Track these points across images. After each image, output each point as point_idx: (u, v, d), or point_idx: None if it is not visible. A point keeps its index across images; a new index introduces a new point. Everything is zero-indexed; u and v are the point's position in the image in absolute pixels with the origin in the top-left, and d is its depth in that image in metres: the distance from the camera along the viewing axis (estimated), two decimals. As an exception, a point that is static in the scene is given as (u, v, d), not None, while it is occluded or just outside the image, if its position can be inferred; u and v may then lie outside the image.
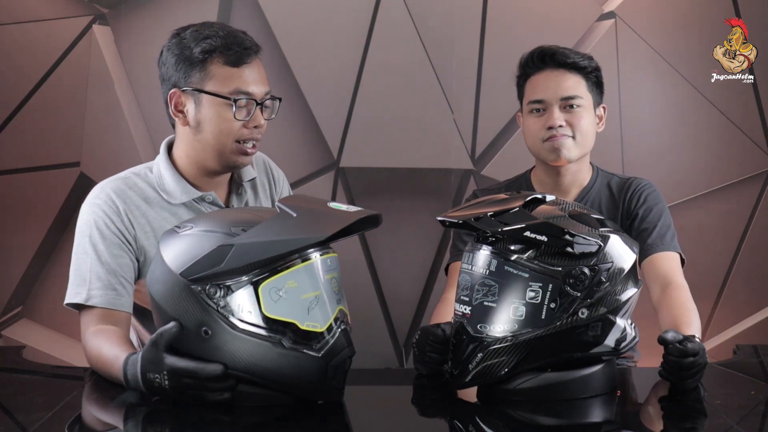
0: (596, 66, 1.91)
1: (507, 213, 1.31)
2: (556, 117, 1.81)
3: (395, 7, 2.83)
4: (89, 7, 2.80)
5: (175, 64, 1.59)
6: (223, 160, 1.62)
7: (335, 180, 2.86)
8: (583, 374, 1.32)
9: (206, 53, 1.57)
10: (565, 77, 1.84)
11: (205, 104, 1.58)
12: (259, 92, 1.60)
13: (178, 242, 1.30)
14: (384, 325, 2.88)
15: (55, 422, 1.24)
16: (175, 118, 1.63)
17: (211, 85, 1.57)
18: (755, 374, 1.60)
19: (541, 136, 1.83)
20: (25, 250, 2.80)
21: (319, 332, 1.27)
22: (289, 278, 1.25)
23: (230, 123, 1.58)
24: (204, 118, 1.59)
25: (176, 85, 1.60)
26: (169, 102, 1.62)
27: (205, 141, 1.61)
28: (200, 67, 1.57)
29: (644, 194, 1.88)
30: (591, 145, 1.89)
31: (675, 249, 1.83)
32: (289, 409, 1.30)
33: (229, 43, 1.57)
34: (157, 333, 1.29)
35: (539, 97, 1.84)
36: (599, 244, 1.29)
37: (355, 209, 1.31)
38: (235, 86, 1.57)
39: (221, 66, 1.57)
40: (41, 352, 2.75)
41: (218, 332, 1.25)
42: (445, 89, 2.84)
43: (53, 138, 2.80)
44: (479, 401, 1.36)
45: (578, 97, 1.84)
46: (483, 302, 1.29)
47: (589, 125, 1.86)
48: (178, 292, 1.27)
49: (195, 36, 1.59)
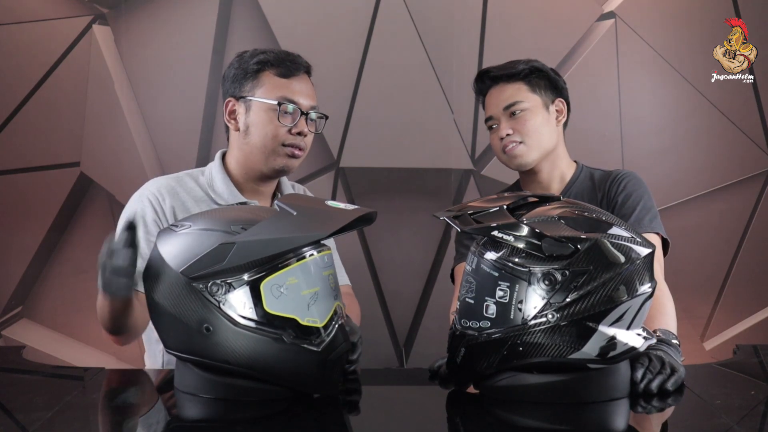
0: (537, 67, 1.94)
1: (485, 212, 1.31)
2: (502, 128, 1.92)
3: (395, 7, 2.83)
4: (89, 7, 2.80)
5: (233, 77, 1.78)
6: (269, 162, 1.76)
7: (335, 180, 2.86)
8: (564, 379, 1.29)
9: (260, 65, 1.76)
10: (504, 89, 1.93)
11: (254, 109, 1.75)
12: (306, 104, 1.76)
13: (177, 241, 1.31)
14: (384, 325, 2.88)
15: (55, 422, 1.24)
16: (228, 123, 1.80)
17: (261, 92, 1.75)
18: (755, 374, 1.60)
19: (500, 148, 1.93)
20: (25, 250, 2.80)
21: (318, 327, 1.29)
22: (290, 275, 1.27)
23: (275, 127, 1.74)
24: (252, 122, 1.75)
25: (232, 95, 1.78)
26: (225, 109, 1.79)
27: (253, 143, 1.76)
28: (253, 77, 1.76)
29: (624, 182, 1.90)
30: (550, 142, 1.92)
31: (654, 230, 1.84)
32: (287, 408, 1.31)
33: (282, 58, 1.76)
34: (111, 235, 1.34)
35: (488, 114, 1.96)
36: (573, 247, 1.26)
37: (352, 207, 1.35)
38: (282, 94, 1.74)
39: (272, 76, 1.75)
40: (41, 352, 2.75)
41: (219, 329, 1.26)
42: (445, 89, 2.85)
43: (53, 138, 2.80)
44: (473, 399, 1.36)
45: (518, 102, 1.91)
46: (465, 298, 1.32)
47: (538, 125, 1.91)
48: (178, 290, 1.28)
49: (253, 53, 1.78)
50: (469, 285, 1.32)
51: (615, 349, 1.28)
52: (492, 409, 1.33)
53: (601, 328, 1.27)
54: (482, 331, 1.29)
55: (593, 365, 1.29)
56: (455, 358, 1.34)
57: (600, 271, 1.26)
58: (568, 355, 1.27)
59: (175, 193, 1.76)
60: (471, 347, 1.31)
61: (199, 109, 2.81)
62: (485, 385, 1.34)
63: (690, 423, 1.30)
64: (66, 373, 1.82)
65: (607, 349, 1.28)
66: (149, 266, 1.34)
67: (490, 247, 1.30)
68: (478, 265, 1.31)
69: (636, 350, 1.31)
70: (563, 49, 2.84)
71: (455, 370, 1.35)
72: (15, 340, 2.78)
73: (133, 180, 2.74)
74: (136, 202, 1.76)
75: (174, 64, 2.82)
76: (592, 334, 1.26)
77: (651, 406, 1.32)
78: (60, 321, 2.79)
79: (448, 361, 1.37)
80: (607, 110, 2.88)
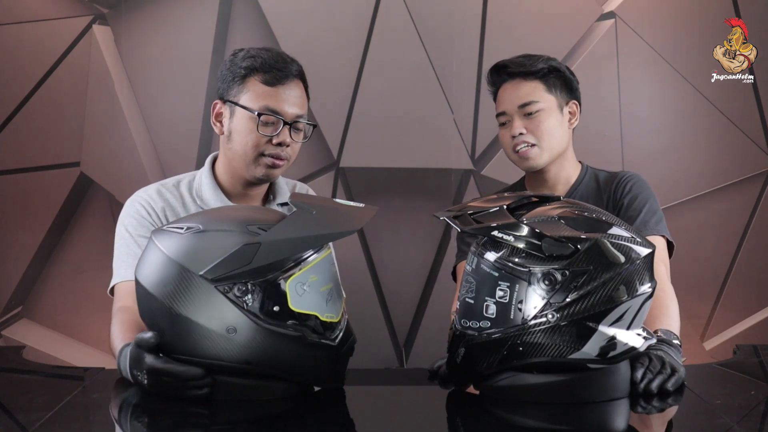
0: (555, 66, 1.92)
1: (485, 212, 1.31)
2: (516, 127, 1.88)
3: (395, 7, 2.83)
4: (89, 7, 2.80)
5: (223, 78, 1.74)
6: (250, 170, 1.72)
7: (335, 180, 2.86)
8: (563, 379, 1.29)
9: (248, 70, 1.70)
10: (521, 85, 1.89)
11: (237, 116, 1.71)
12: (290, 113, 1.70)
13: (188, 243, 1.28)
14: (384, 325, 2.88)
15: (55, 422, 1.24)
16: (213, 126, 1.77)
17: (245, 99, 1.70)
18: (755, 374, 1.60)
19: (510, 146, 1.90)
20: (25, 250, 2.80)
21: (335, 322, 1.33)
22: (311, 272, 1.29)
23: (256, 136, 1.69)
24: (234, 128, 1.72)
25: (221, 96, 1.74)
26: (212, 110, 1.76)
27: (234, 150, 1.72)
28: (240, 82, 1.71)
29: (629, 184, 1.89)
30: (561, 145, 1.91)
31: (659, 233, 1.84)
32: (287, 408, 1.31)
33: (270, 65, 1.70)
34: (138, 338, 1.31)
35: (501, 109, 1.92)
36: (573, 247, 1.25)
37: (361, 205, 1.38)
38: (265, 103, 1.68)
39: (258, 83, 1.70)
40: (41, 352, 2.75)
41: (244, 330, 1.26)
42: (445, 89, 2.85)
43: (53, 138, 2.80)
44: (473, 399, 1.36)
45: (535, 102, 1.87)
46: (465, 298, 1.32)
47: (553, 127, 1.88)
48: (199, 293, 1.26)
49: (245, 55, 1.73)
50: (469, 285, 1.32)
51: (615, 349, 1.28)
52: (492, 409, 1.33)
53: (601, 328, 1.27)
54: (482, 331, 1.29)
55: (593, 365, 1.29)
56: (455, 358, 1.34)
57: (600, 271, 1.26)
58: (568, 355, 1.27)
59: (165, 198, 1.75)
60: (471, 347, 1.31)
61: (199, 109, 2.81)
62: (485, 385, 1.34)
63: (690, 423, 1.30)
64: (66, 373, 1.81)
65: (607, 349, 1.28)
66: (153, 269, 1.30)
67: (490, 247, 1.30)
68: (478, 265, 1.31)
69: (636, 350, 1.30)
70: (563, 49, 2.83)
71: (455, 370, 1.35)
72: (15, 340, 2.78)
73: (133, 180, 2.74)
74: (126, 207, 1.76)
75: (174, 64, 2.82)
76: (592, 334, 1.26)
77: (651, 406, 1.32)
78: (60, 321, 2.79)
79: (448, 361, 1.37)
80: (607, 110, 2.88)
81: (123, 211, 1.76)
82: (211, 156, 1.84)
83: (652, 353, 1.39)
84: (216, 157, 1.83)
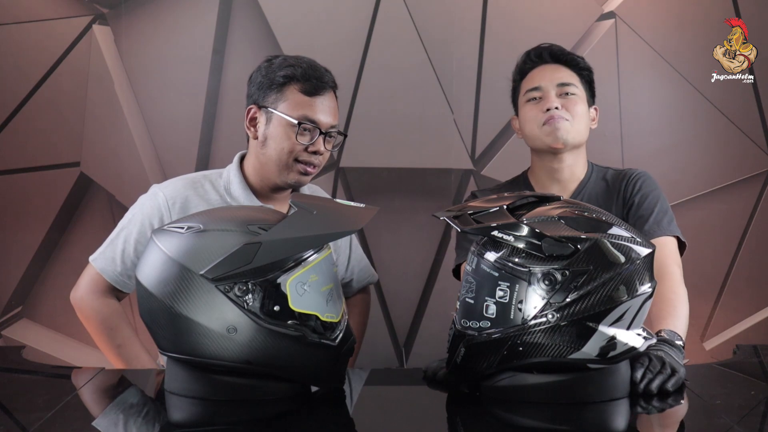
0: (589, 67, 1.97)
1: (485, 212, 1.31)
2: (552, 100, 1.88)
3: (395, 7, 2.83)
4: (89, 7, 2.80)
5: (259, 84, 1.79)
6: (282, 176, 1.79)
7: (335, 180, 2.86)
8: (563, 379, 1.29)
9: (287, 78, 1.76)
10: (560, 69, 1.93)
11: (275, 122, 1.77)
12: (326, 123, 1.78)
13: (189, 242, 1.28)
14: (384, 325, 2.88)
15: (55, 422, 1.24)
16: (247, 130, 1.82)
17: (284, 106, 1.76)
18: (755, 374, 1.60)
19: (540, 120, 1.88)
20: (25, 250, 2.80)
21: (335, 322, 1.33)
22: (311, 272, 1.30)
23: (292, 143, 1.76)
24: (271, 134, 1.78)
25: (256, 102, 1.80)
26: (246, 115, 1.81)
27: (268, 156, 1.78)
28: (278, 90, 1.77)
29: (639, 182, 1.90)
30: (585, 136, 1.93)
31: (672, 233, 1.84)
32: (287, 408, 1.31)
33: (309, 75, 1.76)
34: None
35: (536, 84, 1.91)
36: (573, 247, 1.25)
37: (361, 205, 1.38)
38: (304, 113, 1.75)
39: (296, 92, 1.76)
40: (41, 352, 2.75)
41: (245, 330, 1.26)
42: (445, 89, 2.85)
43: (53, 138, 2.80)
44: (473, 399, 1.36)
45: (573, 86, 1.91)
46: (465, 298, 1.32)
47: (584, 114, 1.91)
48: (200, 293, 1.26)
49: (282, 63, 1.79)
50: (469, 285, 1.32)
51: (615, 349, 1.28)
52: (492, 409, 1.33)
53: (601, 328, 1.27)
54: (482, 331, 1.29)
55: (593, 365, 1.29)
56: (455, 358, 1.34)
57: (600, 271, 1.26)
58: (568, 355, 1.27)
59: (185, 198, 1.79)
60: (471, 347, 1.31)
61: (199, 109, 2.81)
62: (485, 385, 1.34)
63: (690, 423, 1.30)
64: (66, 373, 1.81)
65: (607, 349, 1.28)
66: (152, 269, 1.30)
67: (490, 247, 1.30)
68: (478, 265, 1.31)
69: (636, 350, 1.31)
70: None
71: (455, 370, 1.35)
72: (15, 340, 2.78)
73: (133, 180, 2.75)
74: (139, 206, 1.81)
75: (174, 64, 2.82)
76: (592, 334, 1.26)
77: (651, 406, 1.32)
78: (60, 321, 2.79)
79: (448, 361, 1.37)
80: (607, 110, 2.87)
81: (135, 206, 1.83)
82: (239, 155, 1.88)
83: (652, 353, 1.39)
84: (243, 156, 1.88)
